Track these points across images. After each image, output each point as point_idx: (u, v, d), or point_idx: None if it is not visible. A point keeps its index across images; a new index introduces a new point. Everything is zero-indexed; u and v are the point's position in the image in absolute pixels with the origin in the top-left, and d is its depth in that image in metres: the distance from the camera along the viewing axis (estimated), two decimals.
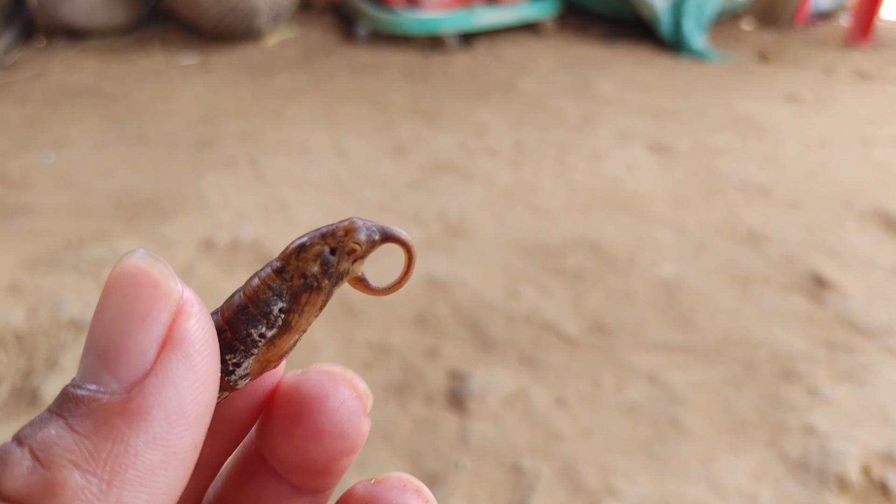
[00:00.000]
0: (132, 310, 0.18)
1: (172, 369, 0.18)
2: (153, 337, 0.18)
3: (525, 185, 2.30)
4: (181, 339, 0.18)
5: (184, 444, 0.18)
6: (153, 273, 0.19)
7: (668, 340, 1.57)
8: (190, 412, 0.18)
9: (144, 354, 0.18)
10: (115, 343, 0.18)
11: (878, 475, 1.23)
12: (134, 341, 0.18)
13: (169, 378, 0.18)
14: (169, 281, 0.19)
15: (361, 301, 1.67)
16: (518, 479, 1.22)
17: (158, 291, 0.18)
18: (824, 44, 4.06)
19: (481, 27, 3.89)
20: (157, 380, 0.18)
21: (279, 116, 2.83)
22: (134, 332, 0.18)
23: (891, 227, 2.06)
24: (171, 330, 0.18)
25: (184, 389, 0.18)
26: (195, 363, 0.18)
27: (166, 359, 0.18)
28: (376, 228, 0.22)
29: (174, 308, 0.19)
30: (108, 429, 0.17)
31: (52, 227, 1.95)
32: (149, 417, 0.17)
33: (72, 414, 0.17)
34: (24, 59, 3.36)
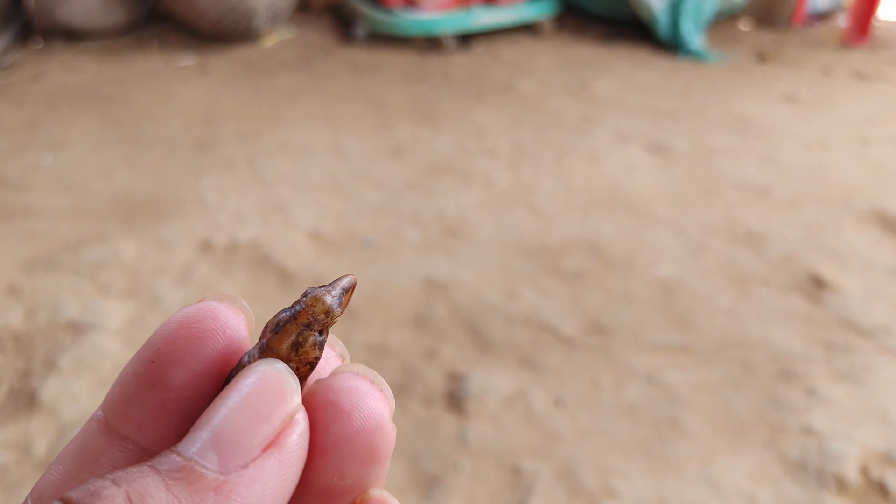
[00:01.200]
0: (257, 408, 0.21)
1: (267, 470, 0.20)
2: (263, 436, 0.20)
3: (524, 185, 2.30)
4: (283, 447, 0.21)
5: None
6: (284, 385, 0.21)
7: (667, 341, 1.57)
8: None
9: (251, 449, 0.20)
10: (230, 430, 0.20)
11: (877, 475, 1.23)
12: (247, 434, 0.20)
13: (262, 475, 0.20)
14: (294, 395, 0.21)
15: (360, 302, 1.67)
16: (517, 480, 1.22)
17: (282, 400, 0.21)
18: (822, 44, 4.06)
19: (479, 28, 3.89)
20: (252, 472, 0.20)
21: (277, 117, 2.83)
22: (251, 426, 0.20)
23: (889, 227, 2.06)
24: (279, 436, 0.21)
25: (269, 491, 0.20)
26: (285, 472, 0.21)
27: (266, 459, 0.20)
28: (336, 293, 0.24)
29: (288, 419, 0.21)
30: (199, 499, 0.19)
31: (51, 229, 1.94)
32: (234, 501, 0.19)
33: (170, 476, 0.19)
34: (21, 60, 3.36)
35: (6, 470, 1.21)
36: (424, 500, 1.18)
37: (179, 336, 0.24)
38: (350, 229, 2.00)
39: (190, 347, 0.24)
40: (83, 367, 1.42)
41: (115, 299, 1.64)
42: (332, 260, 1.85)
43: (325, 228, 1.99)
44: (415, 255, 1.88)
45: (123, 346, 1.49)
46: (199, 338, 0.24)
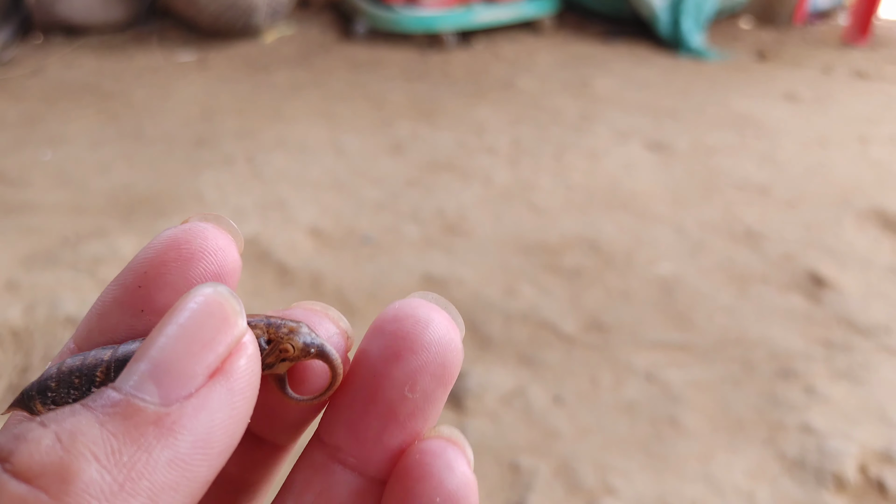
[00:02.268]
0: (196, 333, 0.19)
1: (214, 399, 0.18)
2: (206, 364, 0.18)
3: (523, 183, 2.29)
4: (230, 374, 0.19)
5: (200, 473, 0.18)
6: (225, 306, 0.19)
7: (666, 339, 1.57)
8: (215, 445, 0.18)
9: (193, 377, 0.18)
10: (169, 359, 0.18)
11: (876, 474, 1.23)
12: (188, 362, 0.18)
13: (207, 406, 0.18)
14: (238, 318, 0.19)
15: (358, 299, 1.67)
16: (516, 478, 1.22)
17: (225, 324, 0.19)
18: (822, 43, 4.06)
19: (480, 25, 3.89)
20: (196, 402, 0.18)
21: (277, 114, 2.82)
22: (191, 354, 0.18)
23: (888, 226, 2.06)
24: (224, 363, 0.19)
25: (217, 421, 0.18)
26: (235, 400, 0.19)
27: (212, 387, 0.18)
28: (317, 343, 0.22)
29: (233, 344, 0.19)
30: (137, 434, 0.17)
31: (50, 225, 1.94)
32: (178, 436, 0.17)
33: (105, 411, 0.17)
34: (21, 55, 3.35)
35: None
36: None
37: (168, 259, 0.22)
38: (349, 226, 2.00)
39: (180, 270, 0.22)
40: None
41: None
42: (331, 256, 1.85)
43: (324, 225, 1.99)
44: (414, 252, 1.88)
45: None
46: (188, 259, 0.22)
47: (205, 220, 0.23)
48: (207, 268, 0.23)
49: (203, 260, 0.23)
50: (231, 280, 0.23)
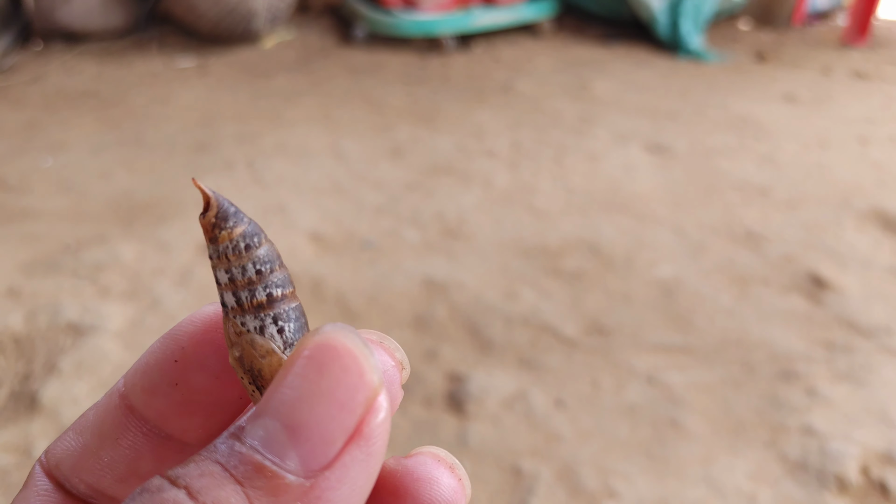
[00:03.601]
0: (333, 392, 0.18)
1: (354, 467, 0.18)
2: (345, 427, 0.18)
3: (523, 186, 2.30)
4: (368, 437, 0.18)
5: None
6: (361, 361, 0.18)
7: (667, 341, 1.57)
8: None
9: (333, 443, 0.17)
10: (307, 421, 0.17)
11: (878, 475, 1.23)
12: (327, 426, 0.17)
13: (349, 475, 0.18)
14: (374, 374, 0.18)
15: (359, 303, 1.67)
16: (517, 481, 1.22)
17: (362, 382, 0.18)
18: (821, 43, 4.06)
19: (479, 29, 3.89)
20: (339, 474, 0.17)
21: (277, 119, 2.83)
22: (329, 416, 0.18)
23: (888, 226, 2.06)
24: (361, 424, 0.18)
25: (357, 489, 0.18)
26: (372, 464, 0.18)
27: (351, 453, 0.18)
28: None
29: (370, 403, 0.18)
30: None
31: (50, 231, 1.94)
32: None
33: (251, 484, 0.17)
34: (21, 62, 3.36)
35: (7, 472, 1.21)
36: None
37: (205, 340, 0.23)
38: (350, 230, 2.00)
39: (215, 352, 0.22)
40: (84, 370, 1.42)
41: (116, 301, 1.64)
42: (331, 261, 1.85)
43: (324, 230, 1.99)
44: (414, 256, 1.88)
45: (124, 348, 1.49)
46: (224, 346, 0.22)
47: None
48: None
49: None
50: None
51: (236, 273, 0.21)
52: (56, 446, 0.23)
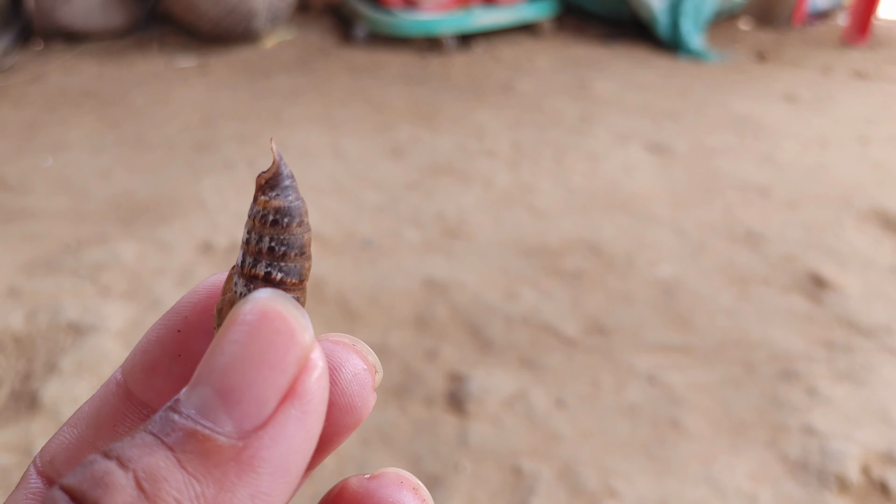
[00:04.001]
0: (263, 354, 0.18)
1: (289, 425, 0.18)
2: (277, 387, 0.18)
3: (523, 186, 2.30)
4: (302, 395, 0.18)
5: (280, 500, 0.18)
6: (290, 321, 0.18)
7: (667, 341, 1.57)
8: (293, 471, 0.18)
9: (266, 403, 0.17)
10: (239, 385, 0.17)
11: (878, 475, 1.23)
12: (259, 387, 0.17)
13: (283, 433, 0.18)
14: (304, 333, 0.18)
15: (359, 303, 1.67)
16: (518, 481, 1.22)
17: (293, 341, 0.18)
18: (822, 43, 4.06)
19: (479, 28, 3.89)
20: (272, 432, 0.17)
21: (277, 118, 2.83)
22: (261, 378, 0.18)
23: (889, 226, 2.06)
24: (296, 384, 0.18)
25: (294, 447, 0.18)
26: (309, 422, 0.18)
27: (285, 413, 0.18)
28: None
29: (303, 361, 0.18)
30: (219, 474, 0.17)
31: (51, 231, 1.94)
32: (258, 470, 0.17)
33: (182, 449, 0.17)
34: (21, 62, 3.36)
35: (7, 472, 1.21)
36: None
37: (209, 307, 0.23)
38: (350, 230, 2.00)
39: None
40: (84, 369, 1.42)
41: (116, 301, 1.64)
42: (332, 260, 1.85)
43: (325, 229, 1.99)
44: (415, 255, 1.88)
45: (124, 348, 1.50)
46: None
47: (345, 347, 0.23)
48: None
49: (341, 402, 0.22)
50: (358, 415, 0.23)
51: (253, 238, 0.22)
52: (50, 443, 0.23)
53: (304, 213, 0.22)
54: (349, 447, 1.27)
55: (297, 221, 0.22)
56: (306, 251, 0.22)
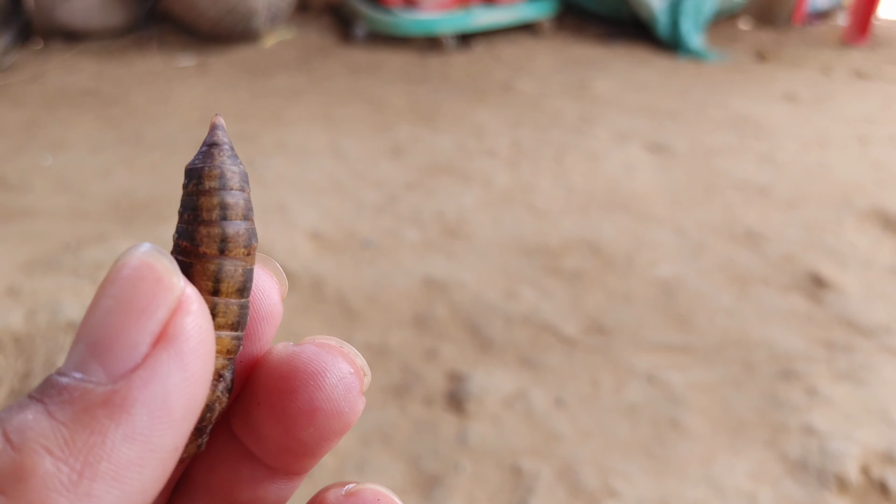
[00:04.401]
0: (130, 302, 0.18)
1: (163, 365, 0.17)
2: (148, 331, 0.18)
3: (523, 185, 2.30)
4: (176, 336, 0.18)
5: (164, 443, 0.17)
6: (157, 267, 0.18)
7: (667, 341, 1.57)
8: (175, 411, 0.18)
9: (136, 347, 0.17)
10: (108, 334, 0.17)
11: (878, 475, 1.23)
12: (128, 334, 0.17)
13: (158, 374, 0.17)
14: (172, 276, 0.18)
15: (359, 302, 1.67)
16: (517, 481, 1.22)
17: (159, 286, 0.18)
18: (822, 43, 4.06)
19: (479, 28, 3.89)
20: (145, 374, 0.17)
21: (277, 118, 2.83)
22: (129, 324, 0.18)
23: (889, 226, 2.06)
24: (168, 326, 0.18)
25: (172, 387, 0.17)
26: (187, 362, 0.18)
27: (158, 354, 0.17)
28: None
29: (173, 304, 0.18)
30: (88, 418, 0.16)
31: (50, 230, 1.94)
32: (131, 411, 0.17)
33: (52, 400, 0.17)
34: (21, 61, 3.36)
35: None
36: (425, 501, 1.18)
37: None
38: (350, 229, 2.00)
39: None
40: None
41: None
42: (331, 260, 1.85)
43: (324, 229, 1.99)
44: (414, 255, 1.88)
45: None
46: None
47: None
48: None
49: None
50: (269, 325, 0.23)
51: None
52: None
53: (205, 176, 0.21)
54: (349, 447, 1.27)
55: (192, 182, 0.21)
56: (200, 215, 0.21)
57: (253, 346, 0.23)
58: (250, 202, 0.22)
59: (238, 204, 0.21)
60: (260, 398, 0.22)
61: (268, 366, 0.23)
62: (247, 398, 0.23)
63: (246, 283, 0.21)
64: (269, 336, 0.23)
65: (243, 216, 0.21)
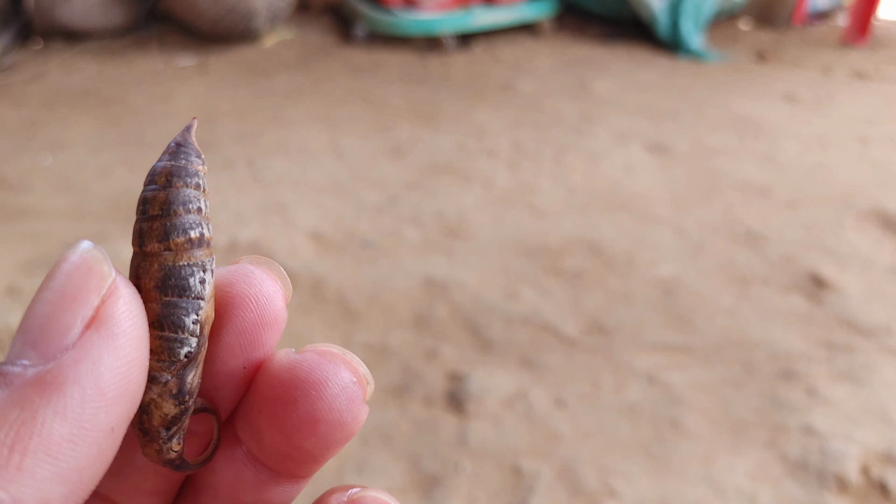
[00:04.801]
0: (64, 291, 0.18)
1: (94, 346, 0.18)
2: (80, 316, 0.18)
3: (523, 185, 2.30)
4: (107, 320, 0.18)
5: (98, 422, 0.18)
6: (87, 257, 0.19)
7: (667, 341, 1.57)
8: (108, 391, 0.18)
9: (68, 331, 0.18)
10: (43, 322, 0.18)
11: (878, 475, 1.23)
12: (60, 319, 0.18)
13: (88, 354, 0.18)
14: (102, 265, 0.19)
15: (359, 303, 1.67)
16: (518, 481, 1.22)
17: (91, 274, 0.19)
18: (822, 43, 4.06)
19: (479, 28, 3.89)
20: (75, 354, 0.18)
21: (277, 118, 2.83)
22: (62, 310, 0.18)
23: (889, 226, 2.06)
24: (99, 311, 0.18)
25: (103, 367, 0.18)
26: (119, 343, 0.18)
27: (89, 337, 0.18)
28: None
29: (104, 291, 0.19)
30: (19, 396, 0.17)
31: (50, 230, 1.94)
32: (62, 389, 0.17)
33: None
34: (21, 60, 3.36)
35: None
36: (425, 501, 1.18)
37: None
38: (350, 229, 2.00)
39: (220, 314, 0.22)
40: None
41: None
42: (331, 260, 1.85)
43: (324, 229, 1.99)
44: (415, 255, 1.88)
45: None
46: (229, 304, 0.22)
47: (254, 264, 0.23)
48: (247, 315, 0.22)
49: (244, 307, 0.22)
50: (273, 331, 0.23)
51: None
52: None
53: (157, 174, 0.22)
54: (349, 447, 1.27)
55: (146, 180, 0.22)
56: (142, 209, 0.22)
57: (256, 352, 0.23)
58: (180, 196, 0.22)
59: (156, 198, 0.21)
60: (261, 406, 0.22)
61: (269, 373, 0.22)
62: (249, 404, 0.23)
63: (165, 279, 0.21)
64: (273, 341, 0.23)
65: (161, 210, 0.21)
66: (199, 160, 0.23)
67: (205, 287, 0.21)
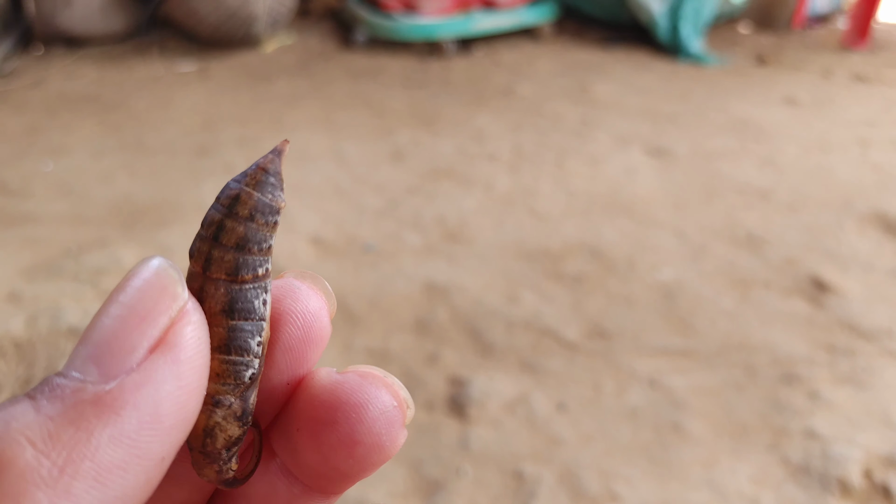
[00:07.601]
0: (134, 308, 0.18)
1: (158, 372, 0.17)
2: (147, 336, 0.18)
3: (524, 189, 2.30)
4: (174, 344, 0.18)
5: (151, 450, 0.17)
6: (162, 276, 0.19)
7: (669, 345, 1.57)
8: (166, 419, 0.17)
9: (133, 351, 0.17)
10: (108, 337, 0.18)
11: (881, 478, 1.22)
12: (127, 337, 0.18)
13: (151, 379, 0.17)
14: (176, 286, 0.19)
15: (360, 307, 1.67)
16: (519, 485, 1.22)
17: (163, 294, 0.18)
18: (822, 47, 4.07)
19: (479, 32, 3.90)
20: (139, 377, 0.17)
21: (278, 123, 2.83)
22: (130, 328, 0.18)
23: (890, 229, 2.06)
24: (167, 334, 0.18)
25: (164, 394, 0.17)
26: (182, 370, 0.18)
27: (154, 361, 0.17)
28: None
29: (175, 313, 0.18)
30: (76, 415, 0.16)
31: (52, 235, 1.94)
32: (121, 413, 0.17)
33: (43, 396, 0.17)
34: (22, 66, 3.37)
35: None
36: None
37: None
38: (351, 234, 2.00)
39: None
40: None
41: None
42: (332, 264, 1.85)
43: (325, 233, 1.99)
44: (415, 259, 1.88)
45: None
46: (276, 321, 0.22)
47: (300, 279, 0.23)
48: (293, 332, 0.22)
49: (290, 324, 0.22)
50: (318, 347, 0.22)
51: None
52: None
53: (241, 203, 0.22)
54: None
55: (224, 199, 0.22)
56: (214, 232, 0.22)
57: (300, 369, 0.23)
58: (258, 235, 0.22)
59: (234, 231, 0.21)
60: (300, 424, 0.22)
61: (310, 392, 0.22)
62: (288, 420, 0.23)
63: (232, 303, 0.21)
64: (317, 358, 0.23)
65: (236, 244, 0.21)
66: (282, 195, 0.22)
67: (266, 308, 0.21)
